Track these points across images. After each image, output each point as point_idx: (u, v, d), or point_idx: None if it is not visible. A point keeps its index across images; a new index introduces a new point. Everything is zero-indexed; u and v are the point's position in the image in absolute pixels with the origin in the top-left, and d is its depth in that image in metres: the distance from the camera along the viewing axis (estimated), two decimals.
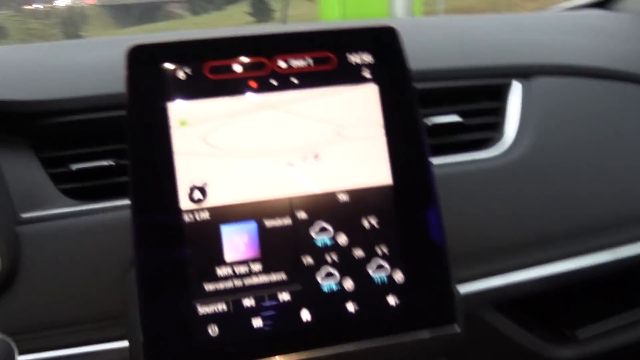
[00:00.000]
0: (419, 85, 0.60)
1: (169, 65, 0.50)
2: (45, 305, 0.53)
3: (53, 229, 0.55)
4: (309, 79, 0.52)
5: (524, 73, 0.73)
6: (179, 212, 0.48)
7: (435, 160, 0.61)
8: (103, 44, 0.75)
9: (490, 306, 0.64)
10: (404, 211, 0.51)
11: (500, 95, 0.73)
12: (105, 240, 0.55)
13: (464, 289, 0.61)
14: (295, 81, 0.52)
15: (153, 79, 0.50)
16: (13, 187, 0.57)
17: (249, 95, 0.51)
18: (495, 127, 0.71)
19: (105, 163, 0.60)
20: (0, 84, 0.62)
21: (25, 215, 0.56)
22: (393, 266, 0.51)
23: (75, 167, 0.59)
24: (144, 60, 0.50)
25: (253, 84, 0.51)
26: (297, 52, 0.52)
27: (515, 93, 0.72)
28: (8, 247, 0.53)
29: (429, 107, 0.69)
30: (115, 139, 0.61)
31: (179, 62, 0.50)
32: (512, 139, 0.69)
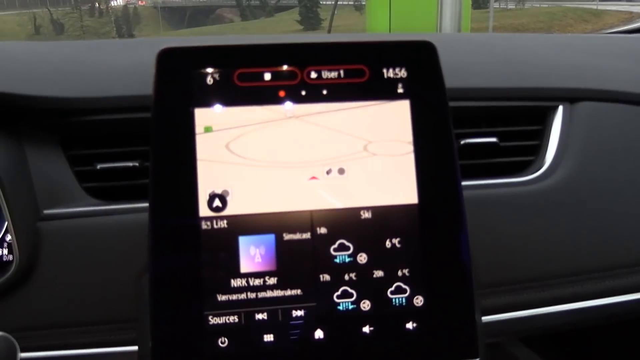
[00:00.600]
0: (457, 104, 0.58)
1: (197, 70, 0.49)
2: (57, 304, 0.53)
3: (73, 227, 0.56)
4: (340, 92, 0.51)
5: (570, 97, 0.70)
6: (197, 219, 0.47)
7: (466, 182, 0.59)
8: (140, 45, 0.76)
9: (515, 338, 0.61)
10: (429, 233, 0.49)
11: (541, 118, 0.70)
12: (123, 243, 0.55)
13: (488, 318, 0.58)
14: (326, 93, 0.51)
15: (181, 83, 0.49)
16: (38, 182, 0.57)
17: (277, 104, 0.50)
18: (533, 151, 0.68)
19: (130, 164, 0.59)
20: (34, 79, 0.63)
21: (47, 211, 0.56)
22: (414, 290, 0.49)
23: (100, 166, 0.59)
24: (172, 64, 0.49)
25: (282, 94, 0.50)
26: (330, 63, 0.51)
27: (558, 116, 0.69)
28: (27, 242, 0.53)
29: (465, 126, 0.66)
30: (143, 141, 0.61)
31: (208, 67, 0.49)
32: (550, 163, 0.66)
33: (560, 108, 0.69)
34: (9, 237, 0.57)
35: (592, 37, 0.98)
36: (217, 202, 0.48)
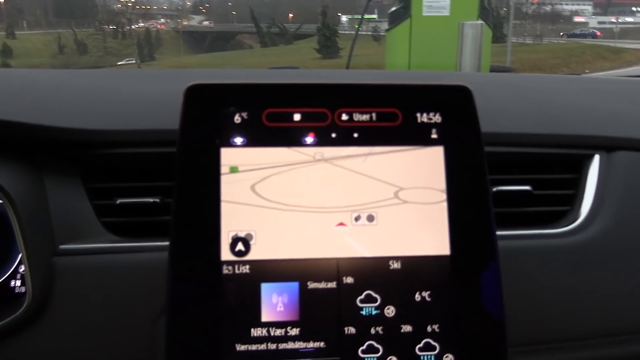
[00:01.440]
0: (489, 149, 0.55)
1: (225, 108, 0.48)
2: (69, 345, 0.51)
3: (90, 264, 0.54)
4: (372, 136, 0.49)
5: (607, 146, 0.68)
6: (218, 263, 0.45)
7: (498, 232, 0.56)
8: (165, 76, 0.75)
9: None
10: (461, 286, 0.47)
11: (577, 166, 0.67)
12: (141, 283, 0.53)
13: None
14: (357, 136, 0.49)
15: (208, 120, 0.47)
16: (55, 214, 0.56)
17: (306, 146, 0.48)
18: (567, 201, 0.65)
19: (150, 200, 0.58)
20: (55, 109, 0.62)
21: (63, 246, 0.55)
22: (444, 347, 0.46)
23: (119, 201, 0.58)
24: (200, 101, 0.48)
25: (311, 135, 0.48)
26: (362, 105, 0.49)
27: (595, 166, 0.67)
28: (41, 277, 0.51)
29: (496, 173, 0.64)
30: (165, 176, 0.59)
31: (237, 105, 0.48)
32: (586, 215, 0.63)
33: (597, 157, 0.67)
34: (22, 269, 0.56)
35: (626, 81, 0.96)
36: (240, 246, 0.46)
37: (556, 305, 0.58)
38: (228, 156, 0.47)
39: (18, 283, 0.58)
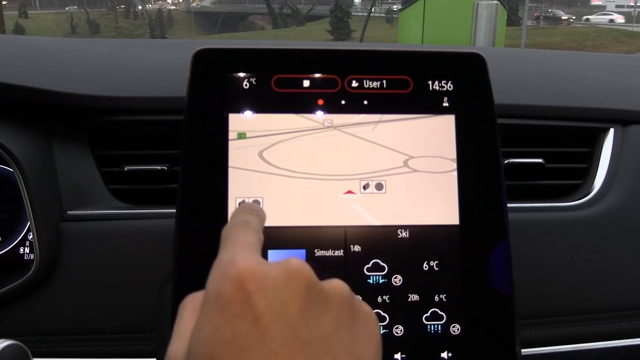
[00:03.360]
0: (502, 121, 0.54)
1: (233, 74, 0.47)
2: (75, 309, 0.51)
3: (97, 230, 0.54)
4: (382, 103, 0.48)
5: (622, 119, 0.66)
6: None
7: (510, 204, 0.55)
8: (174, 46, 0.74)
9: None
10: (469, 256, 0.46)
11: (591, 140, 0.66)
12: (148, 248, 0.53)
13: (528, 351, 0.55)
14: (367, 103, 0.48)
15: (216, 85, 0.47)
16: (64, 181, 0.56)
17: (315, 113, 0.48)
18: (580, 175, 0.64)
19: (158, 167, 0.57)
20: (65, 76, 0.62)
21: (71, 212, 0.55)
22: (451, 317, 0.46)
23: (127, 168, 0.57)
24: (208, 66, 0.47)
25: (321, 102, 0.48)
26: (373, 72, 0.48)
27: (609, 139, 0.65)
28: (49, 242, 0.51)
29: (509, 145, 0.63)
30: (173, 144, 0.59)
31: (245, 70, 0.47)
32: (599, 189, 0.62)
33: (612, 130, 0.66)
34: (31, 236, 0.56)
35: (637, 57, 0.94)
36: None
37: (567, 279, 0.57)
38: (236, 122, 0.47)
39: (27, 250, 0.58)
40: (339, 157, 0.47)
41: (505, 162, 0.62)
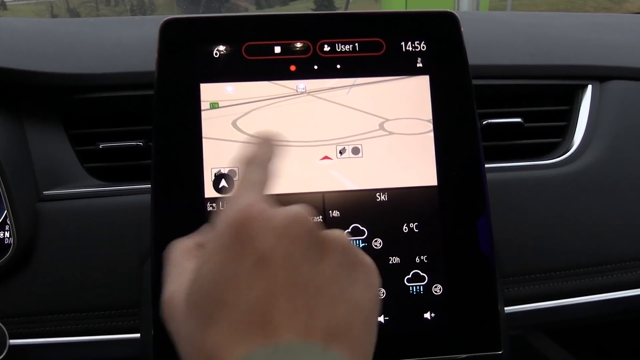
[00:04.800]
0: (479, 82, 0.54)
1: (203, 43, 0.46)
2: (56, 288, 0.51)
3: (74, 209, 0.53)
4: (355, 66, 0.47)
5: (600, 76, 0.66)
6: (202, 200, 0.44)
7: (489, 164, 0.55)
8: (145, 22, 0.73)
9: (539, 330, 0.58)
10: (448, 217, 0.46)
11: (569, 98, 0.66)
12: (126, 225, 0.52)
13: (511, 308, 0.55)
14: (340, 67, 0.48)
15: (185, 56, 0.46)
16: (38, 161, 0.55)
17: (288, 79, 0.47)
18: (559, 133, 0.64)
19: (133, 143, 0.57)
20: (35, 55, 0.60)
21: (47, 192, 0.54)
22: (432, 278, 0.46)
23: (102, 145, 0.57)
24: (177, 36, 0.46)
25: (293, 68, 0.47)
26: (344, 36, 0.47)
27: (587, 96, 0.65)
28: (26, 223, 0.51)
29: (487, 106, 0.63)
30: (147, 119, 0.58)
31: (215, 39, 0.46)
32: (578, 145, 0.62)
33: (589, 87, 0.65)
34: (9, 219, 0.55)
35: (621, 16, 0.93)
36: (223, 183, 0.45)
37: (547, 236, 0.57)
38: (208, 92, 0.46)
39: (7, 235, 0.57)
40: (314, 123, 0.47)
41: (484, 122, 0.61)
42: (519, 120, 0.62)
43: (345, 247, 0.30)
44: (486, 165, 0.47)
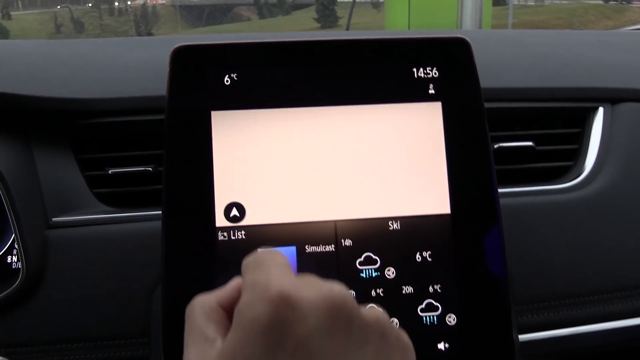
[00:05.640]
0: (490, 105, 0.54)
1: (214, 70, 0.46)
2: (64, 317, 0.50)
3: (83, 236, 0.53)
4: (366, 93, 0.47)
5: (611, 98, 0.66)
6: (213, 230, 0.44)
7: (501, 189, 0.54)
8: (154, 43, 0.73)
9: (553, 358, 0.57)
10: (462, 245, 0.45)
11: (580, 120, 0.66)
12: (135, 252, 0.52)
13: (525, 336, 0.54)
14: (351, 94, 0.47)
15: (197, 83, 0.46)
16: (47, 187, 0.55)
17: (300, 107, 0.47)
18: (571, 156, 0.64)
19: (142, 169, 0.56)
20: (43, 79, 0.60)
21: (56, 219, 0.54)
22: (446, 307, 0.45)
23: (112, 171, 0.56)
24: (188, 63, 0.46)
25: (303, 94, 0.47)
26: (355, 62, 0.47)
27: (599, 119, 0.65)
28: (34, 251, 0.50)
29: (498, 129, 0.62)
30: (157, 144, 0.58)
31: (225, 66, 0.46)
32: (590, 169, 0.61)
33: (601, 110, 0.65)
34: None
35: (629, 33, 0.93)
36: (234, 212, 0.45)
37: (561, 263, 0.56)
38: (219, 119, 0.46)
39: (15, 259, 0.57)
40: (327, 151, 0.46)
41: (495, 146, 0.61)
42: (530, 143, 0.62)
43: (384, 330, 0.29)
44: (499, 191, 0.47)
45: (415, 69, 0.48)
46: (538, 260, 0.56)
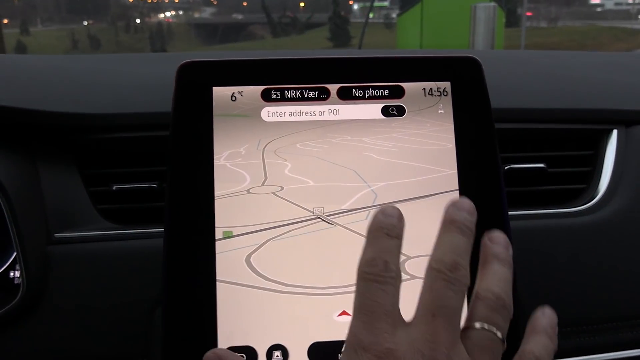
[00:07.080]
0: (501, 126, 0.53)
1: (220, 87, 0.45)
2: (65, 335, 0.50)
3: (85, 252, 0.52)
4: (376, 112, 0.46)
5: (626, 120, 0.64)
6: (215, 248, 0.43)
7: (512, 212, 0.53)
8: (161, 59, 0.72)
9: None
10: (473, 268, 0.44)
11: (593, 142, 0.64)
12: (137, 270, 0.51)
13: None
14: (360, 112, 0.46)
15: (202, 99, 0.45)
16: (50, 203, 0.54)
17: (306, 124, 0.46)
18: (584, 179, 0.62)
19: (147, 185, 0.56)
20: (48, 94, 0.60)
21: (58, 234, 0.53)
22: None
23: (116, 187, 0.56)
24: (194, 79, 0.45)
25: (310, 113, 0.46)
26: (365, 80, 0.46)
27: (613, 141, 0.63)
28: (35, 267, 0.50)
29: (509, 150, 0.61)
30: (162, 160, 0.57)
31: (231, 83, 0.46)
32: (603, 192, 0.60)
33: (615, 132, 0.64)
34: None
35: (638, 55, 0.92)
36: None
37: (573, 287, 0.55)
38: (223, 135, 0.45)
39: (17, 274, 0.56)
40: (329, 166, 0.45)
41: (506, 167, 0.60)
42: (542, 165, 0.60)
43: None
44: (509, 213, 0.45)
45: (424, 89, 0.47)
46: (550, 285, 0.54)
